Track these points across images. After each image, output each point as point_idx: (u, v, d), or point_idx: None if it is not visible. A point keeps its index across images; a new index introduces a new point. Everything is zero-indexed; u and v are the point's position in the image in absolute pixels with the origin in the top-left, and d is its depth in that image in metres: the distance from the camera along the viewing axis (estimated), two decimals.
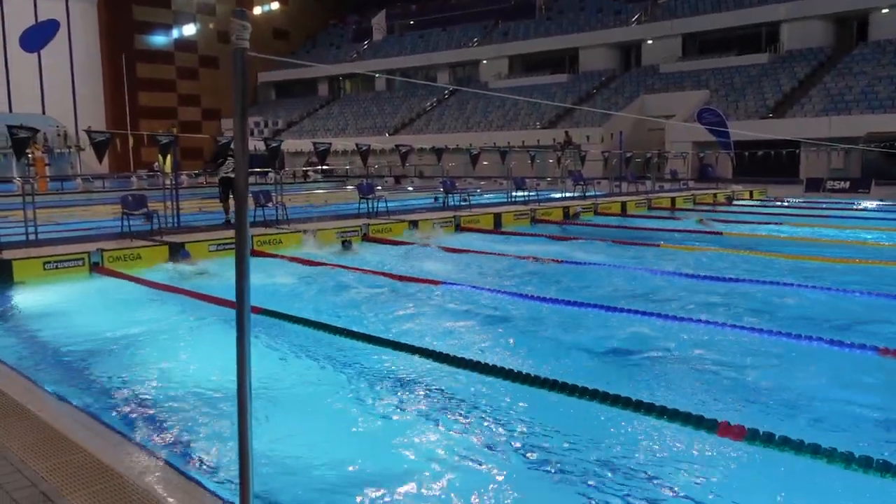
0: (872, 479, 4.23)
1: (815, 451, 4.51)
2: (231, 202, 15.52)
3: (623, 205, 21.00)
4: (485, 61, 46.96)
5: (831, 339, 6.93)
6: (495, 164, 27.69)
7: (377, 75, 50.77)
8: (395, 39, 53.84)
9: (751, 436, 4.78)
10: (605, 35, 42.14)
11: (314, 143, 15.60)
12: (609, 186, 26.60)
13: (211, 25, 52.86)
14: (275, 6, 56.31)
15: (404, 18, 55.06)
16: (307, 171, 38.93)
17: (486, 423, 5.19)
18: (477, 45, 48.01)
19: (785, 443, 4.64)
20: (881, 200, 23.08)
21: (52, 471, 3.84)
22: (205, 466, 4.49)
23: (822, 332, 7.30)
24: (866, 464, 4.31)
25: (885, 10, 33.41)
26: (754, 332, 7.34)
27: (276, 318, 8.06)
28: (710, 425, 4.93)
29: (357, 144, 16.62)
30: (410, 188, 33.22)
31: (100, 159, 12.74)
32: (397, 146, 17.61)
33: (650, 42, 40.80)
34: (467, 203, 18.20)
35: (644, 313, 8.17)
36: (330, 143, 15.88)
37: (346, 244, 13.01)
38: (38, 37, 44.35)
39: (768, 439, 4.70)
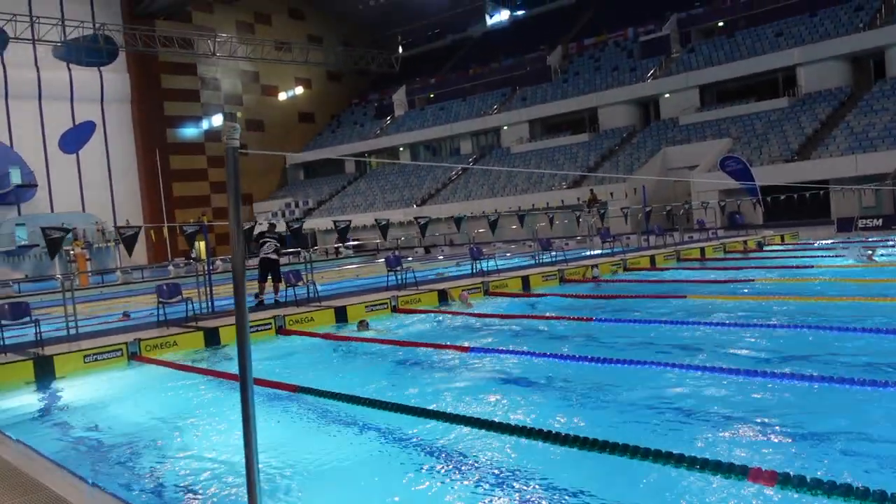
0: None
1: (847, 491, 4.46)
2: (268, 283, 15.86)
3: (652, 258, 20.97)
4: (506, 127, 47.75)
5: (863, 378, 6.85)
6: (522, 228, 27.93)
7: (401, 149, 51.92)
8: (416, 113, 55.12)
9: (783, 480, 4.74)
10: (623, 92, 42.66)
11: (334, 222, 16.06)
12: (638, 241, 26.62)
13: (239, 114, 54.74)
14: (299, 91, 58.26)
15: (423, 93, 56.46)
16: (338, 247, 39.57)
17: (517, 485, 5.21)
18: (496, 111, 48.93)
19: (817, 485, 4.60)
20: None
21: None
22: None
23: (854, 373, 7.22)
24: None
25: None
26: (785, 378, 7.28)
27: (311, 394, 8.19)
28: (741, 471, 4.91)
29: (376, 220, 17.04)
30: (441, 257, 33.53)
31: (129, 253, 13.32)
32: (416, 218, 18.00)
33: (668, 96, 41.21)
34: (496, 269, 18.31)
35: (672, 365, 8.15)
36: (350, 221, 16.43)
37: (361, 324, 12.98)
38: (76, 138, 46.49)
39: (800, 483, 4.66)
